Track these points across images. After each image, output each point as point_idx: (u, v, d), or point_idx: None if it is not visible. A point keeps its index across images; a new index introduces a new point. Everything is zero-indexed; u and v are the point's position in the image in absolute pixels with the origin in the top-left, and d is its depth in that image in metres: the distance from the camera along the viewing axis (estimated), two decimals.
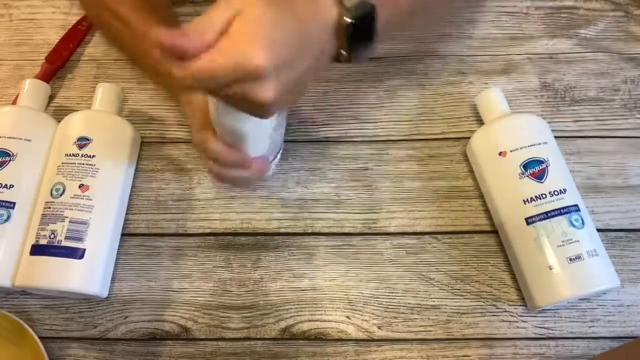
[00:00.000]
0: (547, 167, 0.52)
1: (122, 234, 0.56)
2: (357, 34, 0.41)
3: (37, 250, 0.50)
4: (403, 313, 0.53)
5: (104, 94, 0.58)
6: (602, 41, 0.66)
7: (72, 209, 0.51)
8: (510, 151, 0.53)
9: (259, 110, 0.38)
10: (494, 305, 0.53)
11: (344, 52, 0.42)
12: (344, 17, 0.40)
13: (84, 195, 0.51)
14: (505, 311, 0.53)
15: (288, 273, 0.54)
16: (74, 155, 0.53)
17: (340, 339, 0.52)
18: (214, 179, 0.56)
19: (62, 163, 0.53)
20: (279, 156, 0.56)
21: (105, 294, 0.53)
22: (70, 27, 0.67)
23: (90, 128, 0.55)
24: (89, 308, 0.53)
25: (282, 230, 0.56)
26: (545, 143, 0.54)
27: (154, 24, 0.51)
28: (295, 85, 0.38)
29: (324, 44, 0.40)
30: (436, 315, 0.53)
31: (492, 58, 0.65)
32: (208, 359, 0.51)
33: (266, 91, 0.36)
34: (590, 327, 0.52)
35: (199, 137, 0.47)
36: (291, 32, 0.37)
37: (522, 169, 0.52)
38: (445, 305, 0.53)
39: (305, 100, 0.63)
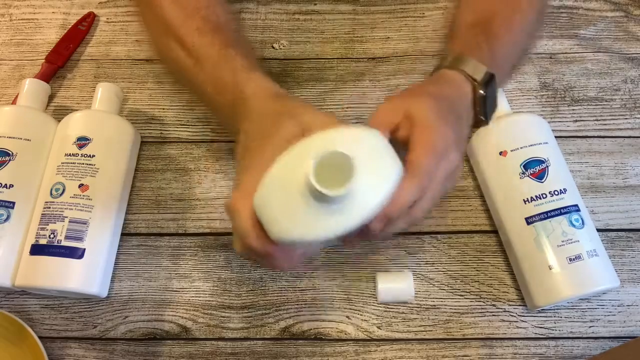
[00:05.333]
0: (547, 167, 0.52)
1: (122, 234, 0.56)
2: (488, 100, 0.48)
3: (37, 250, 0.50)
4: (403, 313, 0.53)
5: (104, 93, 0.58)
6: (602, 41, 0.66)
7: (72, 209, 0.51)
8: (511, 151, 0.53)
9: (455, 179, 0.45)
10: (494, 305, 0.53)
11: (482, 118, 0.48)
12: (479, 91, 0.47)
13: (83, 195, 0.51)
14: (505, 311, 0.53)
15: (288, 273, 0.54)
16: (73, 155, 0.53)
17: (340, 339, 0.52)
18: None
19: (62, 163, 0.53)
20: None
21: (104, 293, 0.53)
22: (70, 27, 0.67)
23: (90, 128, 0.55)
24: (89, 308, 0.53)
25: None
26: (546, 143, 0.54)
27: (218, 48, 0.48)
28: (463, 150, 0.45)
29: (469, 115, 0.47)
30: (436, 315, 0.52)
31: None
32: (208, 359, 0.51)
33: (459, 161, 0.43)
34: (590, 327, 0.52)
35: (232, 204, 0.38)
36: (454, 115, 0.44)
37: (523, 168, 0.52)
38: (445, 305, 0.53)
39: (303, 101, 0.63)
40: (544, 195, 0.51)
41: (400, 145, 0.41)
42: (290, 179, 0.33)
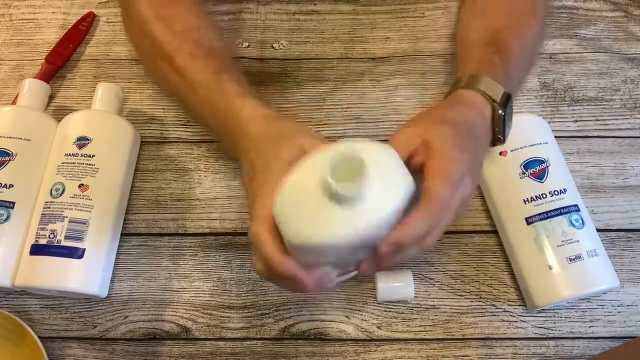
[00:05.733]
0: (547, 167, 0.52)
1: (122, 234, 0.56)
2: (507, 120, 0.48)
3: (37, 250, 0.50)
4: (403, 313, 0.53)
5: (104, 93, 0.58)
6: (602, 41, 0.66)
7: (71, 209, 0.51)
8: (511, 151, 0.53)
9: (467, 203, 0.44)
10: (494, 305, 0.53)
11: (500, 137, 0.48)
12: (499, 111, 0.47)
13: (83, 195, 0.51)
14: (505, 311, 0.53)
15: None
16: (73, 155, 0.53)
17: (339, 339, 0.52)
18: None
19: (62, 163, 0.53)
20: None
21: (104, 293, 0.53)
22: (70, 27, 0.67)
23: (90, 128, 0.55)
24: (89, 308, 0.53)
25: None
26: (546, 143, 0.54)
27: (211, 73, 0.50)
28: (479, 173, 0.46)
29: (487, 135, 0.47)
30: (436, 315, 0.52)
31: None
32: (208, 359, 0.51)
33: (474, 185, 0.43)
34: (590, 327, 0.52)
35: (255, 231, 0.39)
36: (471, 138, 0.44)
37: (523, 168, 0.52)
38: (445, 305, 0.53)
39: (303, 101, 0.63)
40: (544, 195, 0.51)
41: (417, 171, 0.41)
42: (306, 185, 0.35)
